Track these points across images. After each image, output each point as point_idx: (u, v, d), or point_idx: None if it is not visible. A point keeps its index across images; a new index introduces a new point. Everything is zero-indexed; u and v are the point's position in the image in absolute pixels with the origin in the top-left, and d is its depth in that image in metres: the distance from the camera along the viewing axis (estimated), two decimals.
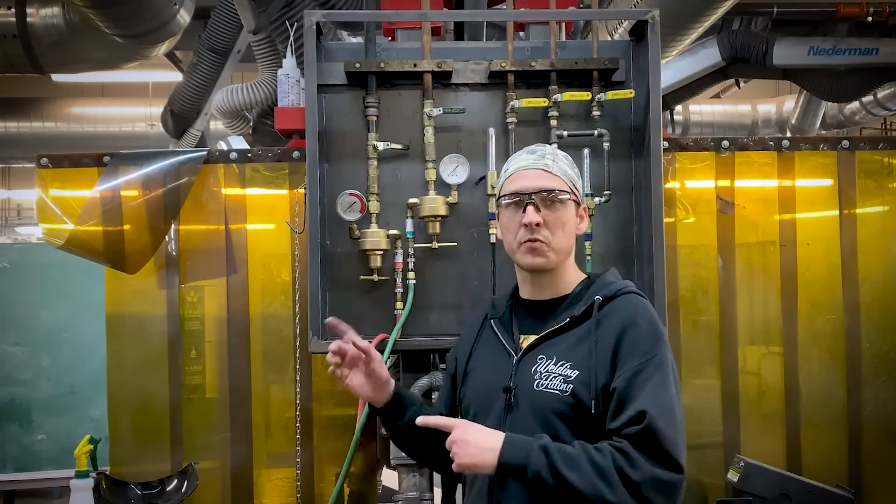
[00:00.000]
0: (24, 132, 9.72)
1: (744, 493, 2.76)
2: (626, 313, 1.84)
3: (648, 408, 1.69)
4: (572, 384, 1.78)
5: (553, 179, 1.90)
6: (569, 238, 1.92)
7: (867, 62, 7.58)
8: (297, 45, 2.83)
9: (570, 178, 1.94)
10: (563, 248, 1.91)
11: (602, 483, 1.65)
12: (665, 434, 1.68)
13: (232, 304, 2.93)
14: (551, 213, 1.88)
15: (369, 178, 2.60)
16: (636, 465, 1.66)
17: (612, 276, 1.96)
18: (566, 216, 1.90)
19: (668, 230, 2.72)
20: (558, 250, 1.89)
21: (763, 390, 3.00)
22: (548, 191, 1.89)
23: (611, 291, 1.88)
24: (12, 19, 6.40)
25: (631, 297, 1.89)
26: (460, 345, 2.09)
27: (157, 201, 2.84)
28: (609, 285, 1.90)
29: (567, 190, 1.91)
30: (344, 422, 2.87)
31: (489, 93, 2.66)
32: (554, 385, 1.80)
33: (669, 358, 1.81)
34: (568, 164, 1.96)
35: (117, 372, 2.97)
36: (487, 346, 1.98)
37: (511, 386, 1.85)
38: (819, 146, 3.03)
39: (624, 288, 1.90)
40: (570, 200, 1.91)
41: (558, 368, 1.81)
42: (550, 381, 1.81)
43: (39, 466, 6.20)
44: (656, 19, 2.54)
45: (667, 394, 1.74)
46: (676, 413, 1.74)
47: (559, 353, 1.83)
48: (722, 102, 11.09)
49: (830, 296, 3.01)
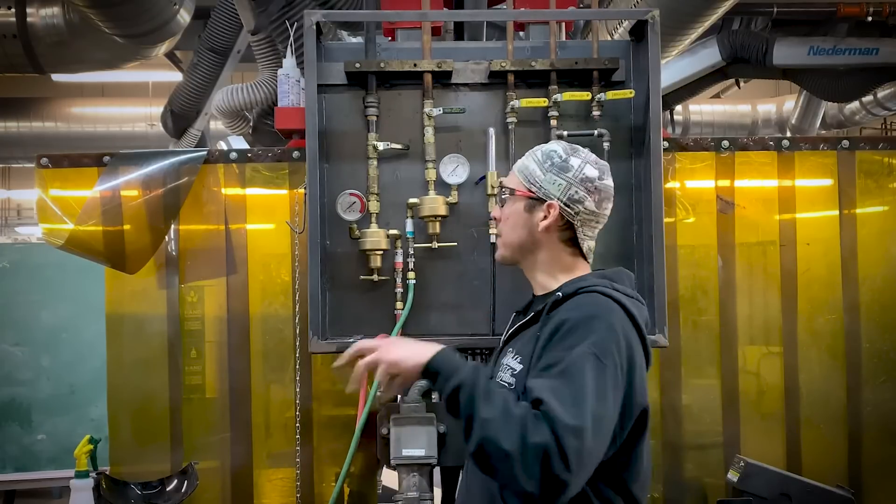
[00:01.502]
0: (24, 132, 9.72)
1: (744, 493, 2.76)
2: (570, 309, 1.81)
3: (544, 396, 1.63)
4: (515, 377, 1.84)
5: (510, 177, 2.01)
6: (514, 232, 1.97)
7: (867, 62, 7.58)
8: (297, 45, 2.83)
9: (527, 175, 1.95)
10: (509, 241, 2.00)
11: (504, 426, 1.61)
12: (557, 412, 1.61)
13: (232, 304, 2.93)
14: (503, 210, 2.02)
15: (369, 178, 2.60)
16: (540, 430, 1.60)
17: (593, 279, 1.91)
18: (509, 212, 1.99)
19: (668, 230, 2.72)
20: (505, 244, 2.01)
21: (763, 390, 3.00)
22: (501, 188, 2.03)
23: (572, 288, 1.87)
24: (12, 19, 6.40)
25: (590, 296, 1.83)
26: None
27: (157, 201, 2.84)
28: (579, 282, 1.89)
29: (516, 189, 1.97)
30: (344, 422, 2.87)
31: (489, 93, 2.66)
32: (503, 378, 1.87)
33: (589, 352, 1.70)
34: (535, 161, 1.96)
35: (117, 372, 2.97)
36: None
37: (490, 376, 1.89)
38: (819, 146, 3.03)
39: (589, 286, 1.86)
40: (520, 197, 1.96)
41: (511, 361, 1.88)
42: (502, 374, 1.89)
43: (39, 466, 6.20)
44: (656, 19, 2.54)
45: (574, 387, 1.65)
46: (584, 404, 1.64)
47: (517, 348, 1.91)
48: (722, 102, 11.10)
49: (830, 296, 3.00)
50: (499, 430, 1.62)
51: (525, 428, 1.60)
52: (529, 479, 1.59)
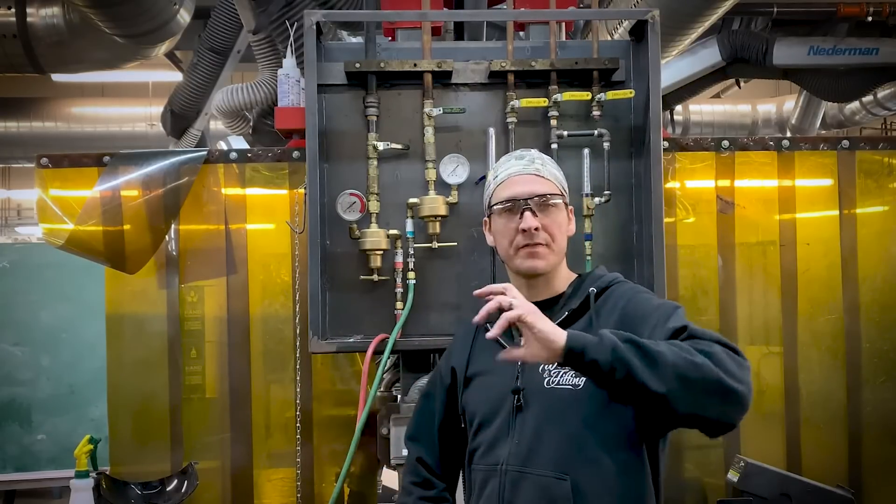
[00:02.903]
0: (24, 132, 9.72)
1: (744, 493, 2.75)
2: (620, 297, 1.88)
3: (686, 323, 1.70)
4: (584, 377, 1.77)
5: (545, 184, 1.94)
6: (565, 239, 1.97)
7: (867, 62, 7.57)
8: (297, 45, 2.83)
9: (559, 181, 1.99)
10: (562, 248, 1.95)
11: (689, 356, 1.59)
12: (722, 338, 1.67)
13: (232, 304, 2.93)
14: (546, 216, 1.91)
15: (369, 178, 2.60)
16: (716, 346, 1.63)
17: (601, 272, 2.00)
18: (561, 218, 1.95)
19: (668, 230, 2.72)
20: (558, 252, 1.94)
21: (763, 390, 3.00)
22: (542, 195, 1.92)
23: (603, 283, 1.93)
24: (12, 19, 6.40)
25: (624, 285, 1.94)
26: (455, 355, 2.06)
27: (157, 201, 2.84)
28: (600, 278, 1.95)
29: (559, 193, 1.96)
30: (344, 422, 2.87)
31: (489, 93, 2.66)
32: (565, 380, 1.81)
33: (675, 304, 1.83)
34: (554, 167, 2.03)
35: (117, 372, 2.97)
36: (487, 352, 1.95)
37: (519, 387, 1.85)
38: (819, 146, 3.03)
39: (615, 279, 1.95)
40: (562, 203, 1.96)
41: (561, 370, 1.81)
42: (561, 377, 1.81)
43: (39, 466, 6.21)
44: (656, 19, 2.54)
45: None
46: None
47: None
48: (722, 102, 11.09)
49: (830, 296, 3.00)
50: (692, 361, 1.59)
51: (711, 347, 1.62)
52: (744, 385, 1.60)
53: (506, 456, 1.83)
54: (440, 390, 2.08)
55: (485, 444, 1.89)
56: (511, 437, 1.84)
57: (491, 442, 1.88)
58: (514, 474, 1.81)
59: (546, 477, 1.78)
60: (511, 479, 1.81)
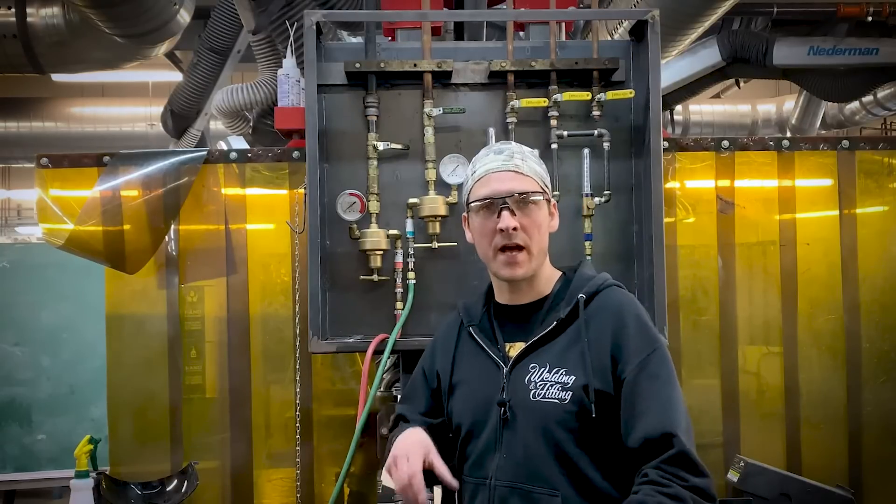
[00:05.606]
0: (24, 132, 9.71)
1: (744, 493, 2.75)
2: (612, 311, 1.81)
3: (671, 428, 1.67)
4: (571, 391, 1.74)
5: (525, 181, 1.84)
6: (545, 239, 1.87)
7: (867, 62, 7.57)
8: (297, 45, 2.83)
9: (539, 176, 1.88)
10: (543, 248, 1.87)
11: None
12: (692, 452, 1.66)
13: (232, 304, 2.93)
14: (526, 216, 1.83)
15: (369, 178, 2.60)
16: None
17: (588, 270, 1.92)
18: (541, 217, 1.85)
19: (668, 230, 2.72)
20: (537, 253, 1.85)
21: (763, 390, 3.00)
22: (521, 193, 1.83)
23: (592, 287, 1.85)
24: (12, 19, 6.40)
25: (613, 292, 1.86)
26: (438, 356, 2.00)
27: (157, 201, 2.84)
28: (588, 280, 1.87)
29: (539, 190, 1.86)
30: (344, 422, 2.87)
31: (489, 93, 2.66)
32: (552, 394, 1.76)
33: (664, 344, 1.80)
34: (536, 161, 1.91)
35: (117, 372, 2.97)
36: (471, 357, 1.92)
37: (505, 399, 1.80)
38: (819, 146, 3.03)
39: (604, 282, 1.87)
40: (543, 200, 1.87)
41: (554, 376, 1.77)
42: (548, 391, 1.76)
43: (39, 466, 6.20)
44: (656, 19, 2.54)
45: (675, 394, 1.73)
46: (685, 413, 1.73)
47: (552, 360, 1.79)
48: (722, 102, 11.09)
49: (830, 296, 3.01)
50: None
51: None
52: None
53: (494, 470, 1.80)
54: (425, 391, 2.02)
55: (473, 457, 1.86)
56: (499, 450, 1.80)
57: (479, 455, 1.84)
58: (503, 490, 1.78)
59: (537, 493, 1.75)
60: (500, 494, 1.78)
